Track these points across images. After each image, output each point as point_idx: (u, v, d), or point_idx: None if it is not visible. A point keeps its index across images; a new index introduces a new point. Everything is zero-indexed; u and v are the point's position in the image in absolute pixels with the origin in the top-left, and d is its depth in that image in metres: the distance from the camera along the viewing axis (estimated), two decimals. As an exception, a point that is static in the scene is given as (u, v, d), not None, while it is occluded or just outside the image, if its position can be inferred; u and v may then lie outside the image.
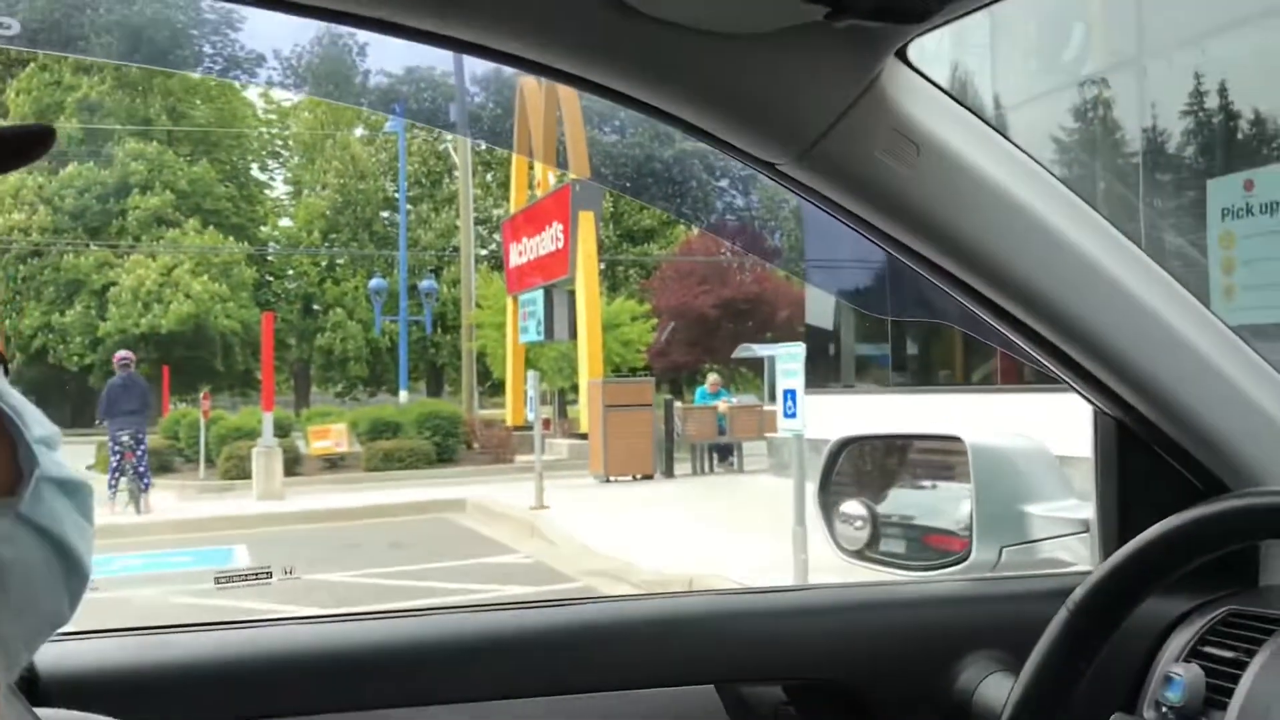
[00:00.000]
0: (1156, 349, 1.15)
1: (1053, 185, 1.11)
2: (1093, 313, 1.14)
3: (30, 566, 0.49)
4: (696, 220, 33.62)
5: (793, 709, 1.22)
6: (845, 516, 1.58)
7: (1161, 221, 10.56)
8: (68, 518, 0.51)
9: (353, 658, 1.11)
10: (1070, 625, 0.97)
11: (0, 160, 0.53)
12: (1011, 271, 1.12)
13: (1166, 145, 10.80)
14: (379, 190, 36.36)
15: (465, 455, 20.14)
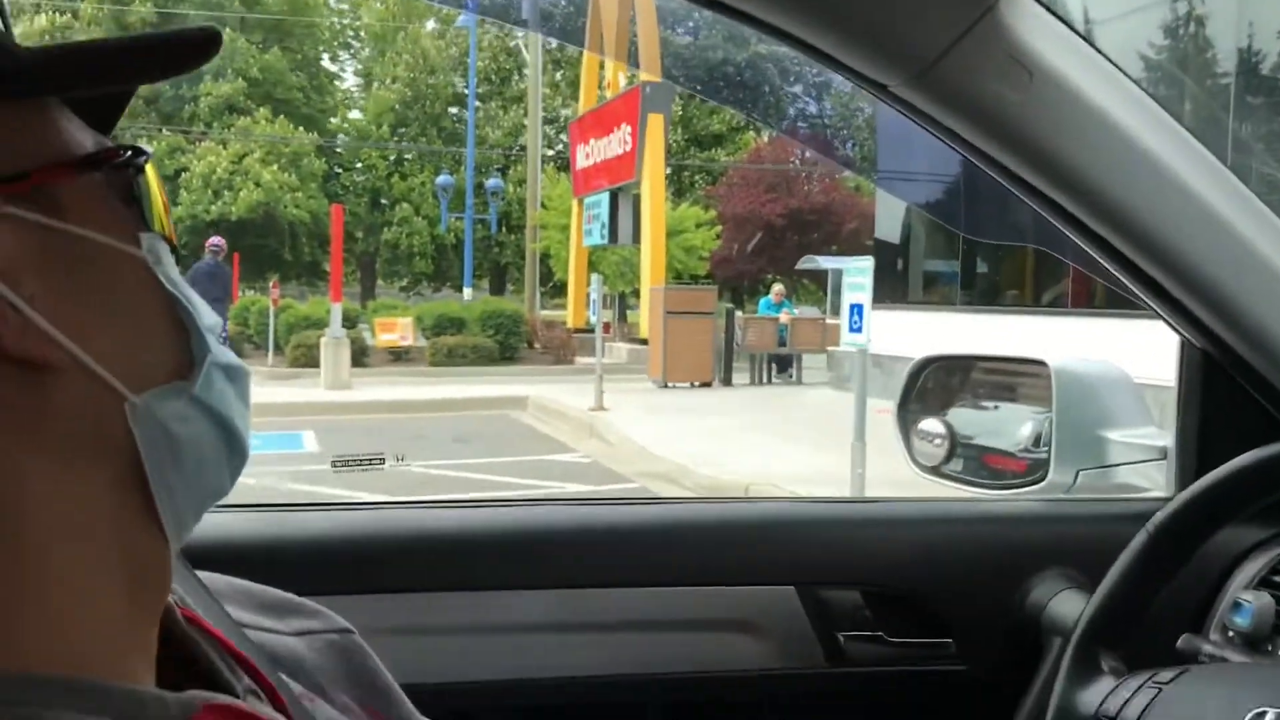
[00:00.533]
0: (1249, 281, 1.16)
1: (1158, 115, 1.11)
2: (1188, 243, 1.15)
3: (201, 444, 0.53)
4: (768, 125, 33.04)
5: (869, 613, 1.28)
6: (923, 433, 1.61)
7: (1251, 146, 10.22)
8: (233, 401, 0.55)
9: (465, 541, 1.19)
10: (1149, 547, 1.01)
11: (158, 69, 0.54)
12: (1112, 199, 1.13)
13: (1260, 67, 10.40)
14: (448, 86, 36.17)
15: (526, 354, 20.37)
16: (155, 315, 0.53)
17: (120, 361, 0.50)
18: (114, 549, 0.50)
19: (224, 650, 0.60)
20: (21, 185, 0.49)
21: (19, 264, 0.48)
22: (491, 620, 1.18)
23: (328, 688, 0.67)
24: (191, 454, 0.53)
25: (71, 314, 0.49)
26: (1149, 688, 0.96)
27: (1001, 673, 1.28)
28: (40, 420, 0.48)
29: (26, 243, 0.48)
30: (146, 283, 0.53)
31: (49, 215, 0.50)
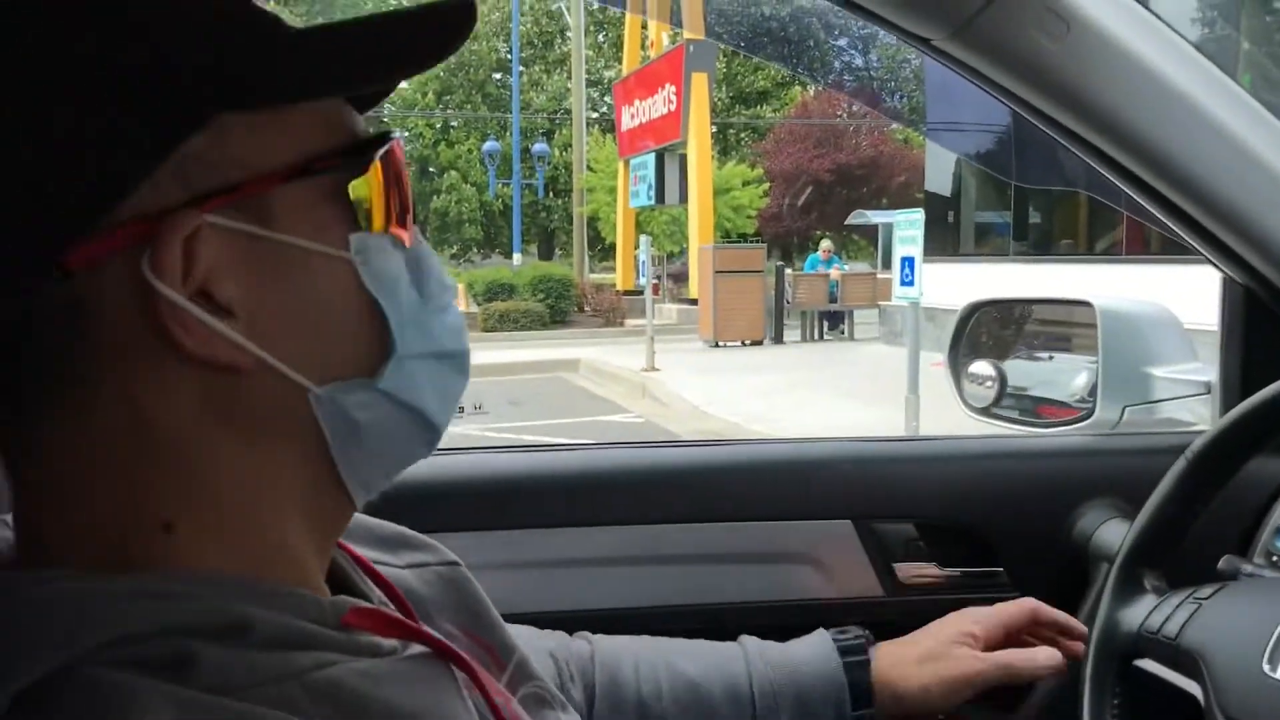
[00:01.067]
0: None
1: (1194, 58, 1.15)
2: (1226, 182, 1.19)
3: (386, 427, 0.59)
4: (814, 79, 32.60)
5: (922, 544, 1.34)
6: (974, 376, 1.66)
7: (1311, 84, 9.97)
8: (426, 388, 0.60)
9: (541, 482, 1.28)
10: (1187, 473, 1.06)
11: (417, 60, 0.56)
12: (1151, 143, 1.17)
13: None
14: (492, 51, 36.17)
15: (577, 318, 20.50)
16: (355, 314, 0.57)
17: (310, 358, 0.55)
18: (299, 509, 0.58)
19: (361, 568, 0.68)
20: (229, 198, 0.53)
21: (223, 270, 0.52)
22: (565, 556, 1.27)
23: (434, 615, 0.74)
24: (376, 435, 0.58)
25: (270, 316, 0.54)
26: (1189, 603, 1.01)
27: (1050, 598, 1.34)
28: (237, 409, 0.54)
29: (233, 250, 0.53)
30: (350, 283, 0.56)
31: (257, 223, 0.54)
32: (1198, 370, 1.49)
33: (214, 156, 0.53)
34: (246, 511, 0.56)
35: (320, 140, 0.57)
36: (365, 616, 0.59)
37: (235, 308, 0.53)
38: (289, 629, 0.53)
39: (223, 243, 0.53)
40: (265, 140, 0.54)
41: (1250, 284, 1.33)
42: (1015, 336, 1.84)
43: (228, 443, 0.55)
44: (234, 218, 0.53)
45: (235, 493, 0.55)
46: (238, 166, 0.53)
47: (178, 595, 0.51)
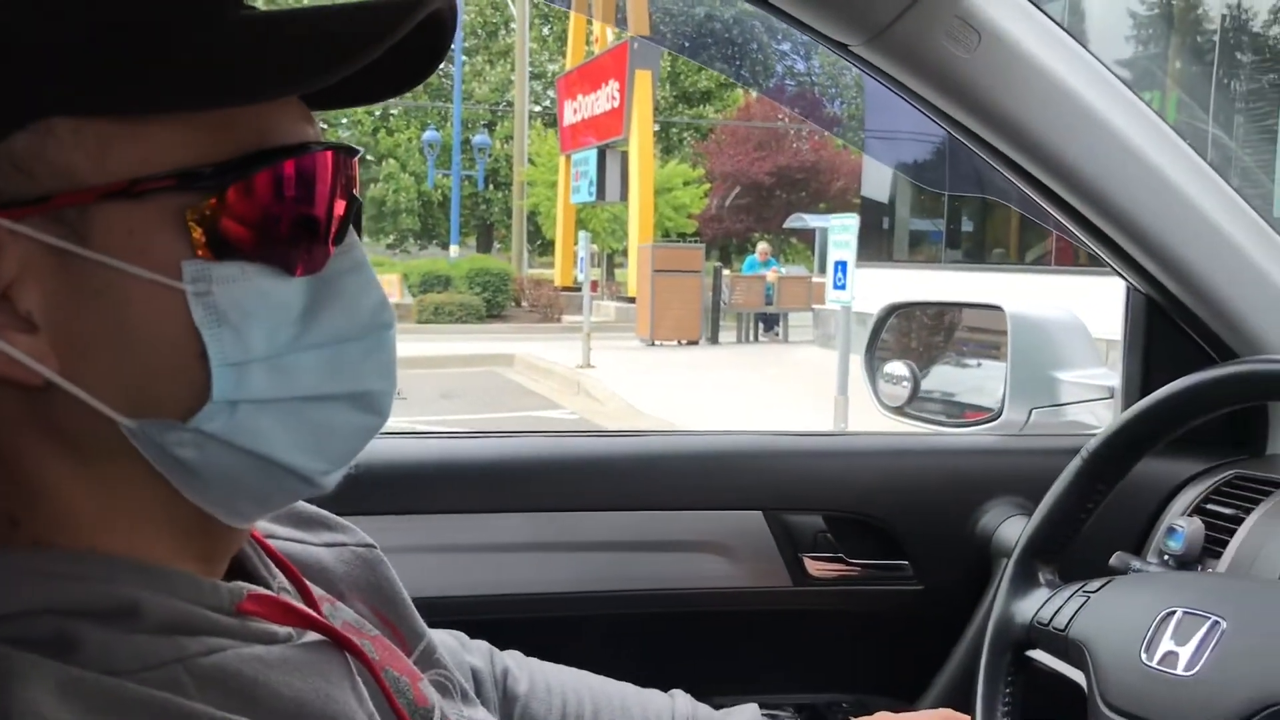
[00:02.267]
0: (1186, 230, 1.25)
1: (1101, 74, 1.20)
2: (1130, 194, 1.24)
3: (226, 468, 0.54)
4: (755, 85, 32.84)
5: (830, 536, 1.38)
6: (889, 376, 1.71)
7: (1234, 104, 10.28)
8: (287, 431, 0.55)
9: (454, 468, 1.30)
10: (1082, 471, 1.10)
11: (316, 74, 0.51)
12: (1060, 154, 1.21)
13: (1250, 23, 10.44)
14: (434, 40, 35.85)
15: (514, 312, 20.44)
16: (175, 348, 0.52)
17: (118, 387, 0.51)
18: (167, 525, 0.56)
19: (264, 551, 0.68)
20: (36, 208, 0.49)
21: (27, 280, 0.50)
22: (483, 540, 1.28)
23: (347, 594, 0.75)
24: (217, 475, 0.54)
25: (75, 336, 0.51)
26: (1079, 596, 1.05)
27: (954, 591, 1.39)
28: (49, 424, 0.52)
29: (38, 261, 0.50)
30: (174, 314, 0.51)
31: (71, 239, 0.50)
32: (1103, 375, 1.55)
33: (29, 163, 0.49)
34: (93, 523, 0.54)
35: (183, 152, 0.51)
36: (261, 603, 0.59)
37: (38, 320, 0.50)
38: (178, 613, 0.53)
39: (31, 252, 0.50)
40: (99, 150, 0.50)
41: (1151, 293, 1.38)
42: (946, 342, 1.88)
43: (55, 457, 0.53)
44: (44, 229, 0.49)
45: (75, 504, 0.54)
46: (57, 175, 0.49)
47: (65, 575, 0.51)
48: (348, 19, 0.52)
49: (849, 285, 7.66)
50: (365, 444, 0.59)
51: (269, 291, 0.53)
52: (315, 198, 0.55)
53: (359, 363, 0.57)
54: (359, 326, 0.57)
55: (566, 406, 11.15)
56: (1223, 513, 1.31)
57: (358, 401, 0.57)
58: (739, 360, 14.99)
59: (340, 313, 0.56)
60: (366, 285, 0.58)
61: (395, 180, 32.97)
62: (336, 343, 0.55)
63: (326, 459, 0.57)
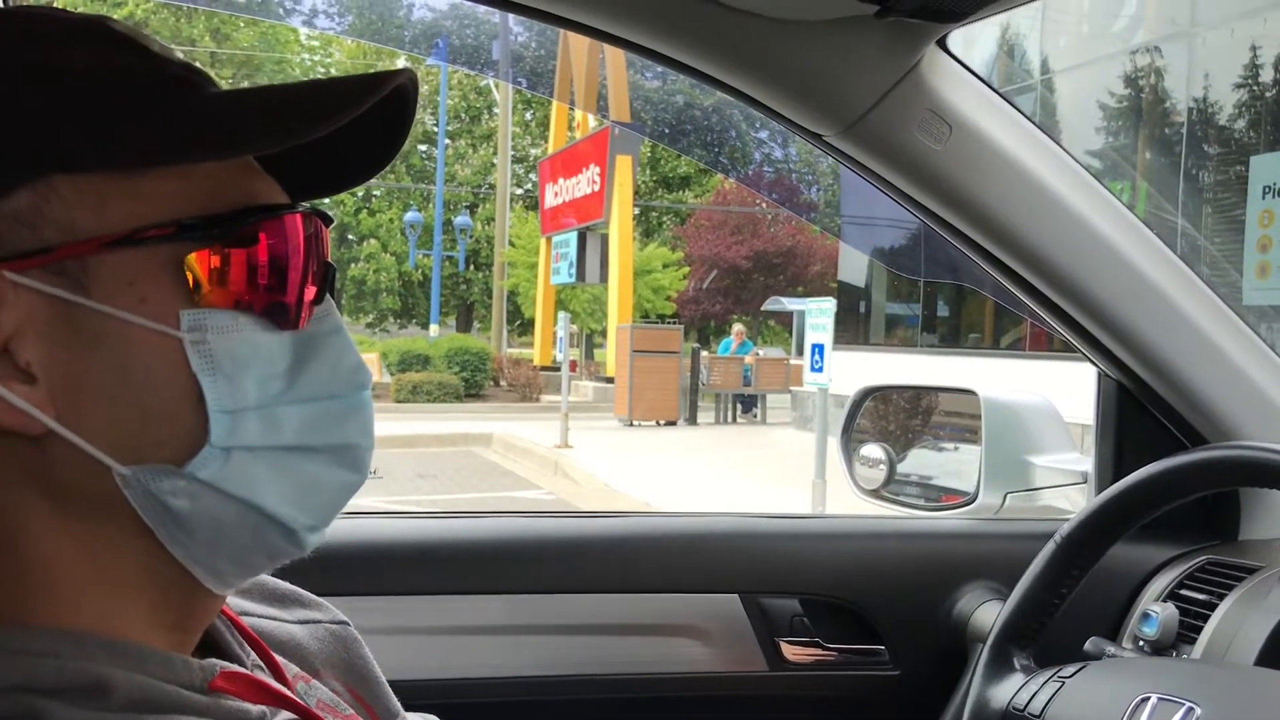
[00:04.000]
0: (1156, 319, 1.28)
1: (1070, 166, 1.23)
2: (1100, 283, 1.26)
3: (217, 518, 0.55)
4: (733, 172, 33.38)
5: (807, 621, 1.37)
6: (865, 459, 1.71)
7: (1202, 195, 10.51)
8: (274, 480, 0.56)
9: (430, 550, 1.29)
10: (1056, 556, 1.11)
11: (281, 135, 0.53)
12: (1030, 243, 1.24)
13: (1216, 117, 10.72)
14: (418, 123, 36.21)
15: (492, 392, 20.40)
16: (172, 394, 0.53)
17: (115, 433, 0.52)
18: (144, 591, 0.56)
19: (236, 629, 0.68)
20: (39, 260, 0.51)
21: (27, 333, 0.51)
22: (458, 623, 1.27)
23: (322, 671, 0.74)
24: (206, 526, 0.55)
25: (74, 384, 0.52)
26: (1054, 682, 1.05)
27: (930, 677, 1.38)
28: (42, 477, 0.53)
29: (40, 313, 0.51)
30: (172, 361, 0.53)
31: (72, 290, 0.51)
32: (1076, 460, 1.56)
33: (31, 217, 0.51)
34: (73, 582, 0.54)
35: (176, 207, 0.54)
36: (234, 681, 0.59)
37: (37, 371, 0.52)
38: (149, 690, 0.53)
39: (33, 303, 0.51)
40: (98, 204, 0.52)
41: (1122, 379, 1.41)
42: (922, 425, 1.90)
43: (44, 513, 0.54)
44: (47, 280, 0.51)
45: (58, 563, 0.54)
46: (58, 229, 0.51)
47: (37, 653, 0.51)
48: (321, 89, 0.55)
49: (826, 368, 7.71)
50: (345, 503, 0.61)
51: (260, 343, 0.55)
52: (298, 257, 0.57)
53: (342, 419, 0.58)
54: (341, 385, 0.59)
55: (544, 487, 11.08)
56: (1196, 598, 1.32)
57: (341, 456, 0.59)
58: (717, 441, 14.98)
59: (323, 370, 0.58)
60: (346, 347, 0.60)
61: (376, 260, 33.11)
62: (321, 399, 0.57)
63: (310, 513, 0.58)
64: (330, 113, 0.53)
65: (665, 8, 1.02)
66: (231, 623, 0.68)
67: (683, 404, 17.47)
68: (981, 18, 1.01)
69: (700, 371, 18.12)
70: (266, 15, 28.58)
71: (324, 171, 0.64)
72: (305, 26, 35.96)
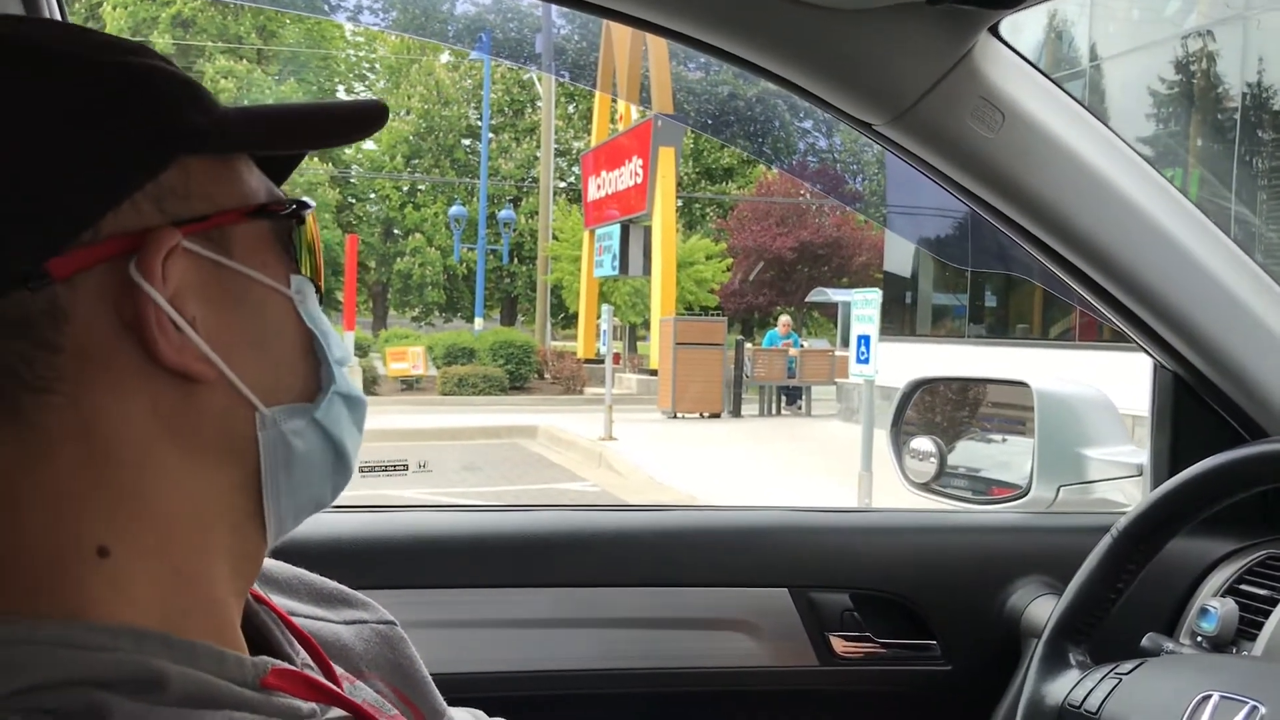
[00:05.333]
0: (1213, 308, 1.25)
1: (1125, 153, 1.21)
2: (1157, 272, 1.24)
3: (312, 458, 0.62)
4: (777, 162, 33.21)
5: (857, 615, 1.36)
6: (915, 452, 1.70)
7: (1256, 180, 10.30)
8: (347, 426, 0.64)
9: (482, 542, 1.29)
10: (1113, 550, 1.09)
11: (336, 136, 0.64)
12: (1084, 231, 1.22)
13: (1271, 102, 10.51)
14: (462, 117, 36.51)
15: (537, 384, 20.48)
16: (294, 345, 0.62)
17: (259, 379, 0.59)
18: (224, 539, 0.60)
19: (286, 627, 0.69)
20: (201, 225, 0.58)
21: (187, 291, 0.56)
22: (506, 616, 1.27)
23: (367, 672, 0.75)
24: (302, 465, 0.62)
25: (225, 336, 0.58)
26: (1111, 678, 1.04)
27: (983, 672, 1.36)
28: (186, 423, 0.57)
29: (197, 274, 0.57)
30: (291, 317, 0.62)
31: (220, 253, 0.59)
32: (1131, 452, 1.53)
33: (184, 190, 0.57)
34: (179, 538, 0.57)
35: (257, 191, 0.62)
36: (285, 678, 0.59)
37: (198, 326, 0.57)
38: (205, 686, 0.54)
39: (190, 265, 0.57)
40: (223, 183, 0.60)
41: (1178, 370, 1.38)
42: (971, 418, 1.87)
43: (172, 458, 0.56)
44: (202, 245, 0.58)
45: (171, 516, 0.56)
46: (205, 201, 0.58)
47: (97, 647, 0.52)
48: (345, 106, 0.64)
49: (872, 359, 7.65)
50: None
51: (317, 308, 0.65)
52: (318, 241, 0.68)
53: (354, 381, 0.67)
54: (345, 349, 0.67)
55: (588, 479, 11.11)
56: (1257, 594, 1.29)
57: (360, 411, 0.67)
58: (762, 434, 14.93)
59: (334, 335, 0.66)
60: None
61: (422, 254, 33.37)
62: (347, 360, 0.66)
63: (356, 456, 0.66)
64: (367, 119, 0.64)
65: (711, -2, 1.01)
66: (282, 621, 0.69)
67: (726, 396, 17.43)
68: (1034, 4, 0.99)
69: (744, 364, 18.06)
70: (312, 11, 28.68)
71: None
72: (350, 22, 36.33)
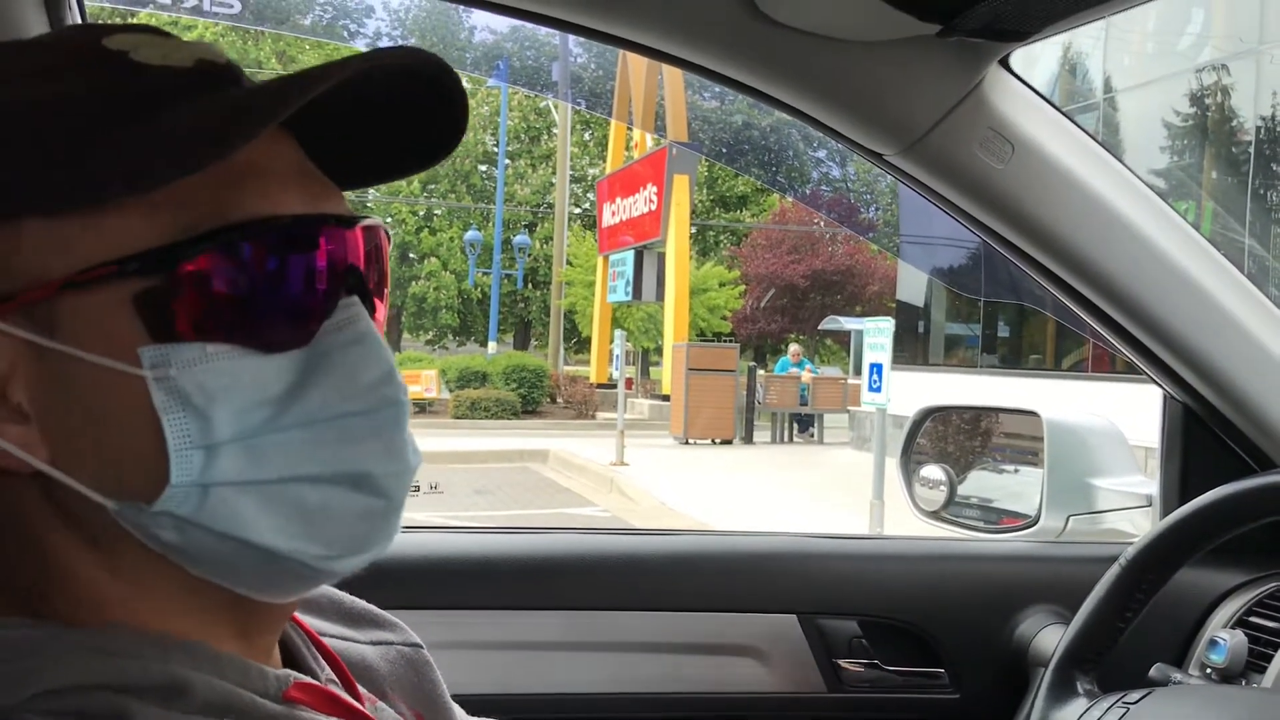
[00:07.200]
0: (1222, 339, 1.26)
1: (1135, 185, 1.22)
2: (1165, 304, 1.25)
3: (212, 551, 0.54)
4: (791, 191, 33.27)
5: (866, 642, 1.36)
6: (925, 480, 1.70)
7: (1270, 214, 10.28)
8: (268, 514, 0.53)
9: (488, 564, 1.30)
10: (1120, 580, 1.09)
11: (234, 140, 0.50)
12: (1094, 262, 1.23)
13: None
14: (479, 143, 36.70)
15: (549, 408, 20.50)
16: (138, 432, 0.52)
17: (98, 471, 0.52)
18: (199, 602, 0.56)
19: (312, 644, 0.69)
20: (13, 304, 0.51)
21: (15, 375, 0.52)
22: (514, 638, 1.28)
23: (390, 694, 0.74)
24: (210, 557, 0.54)
25: (56, 424, 0.52)
26: (1118, 707, 1.03)
27: (991, 700, 1.36)
28: (57, 509, 0.54)
29: (20, 356, 0.52)
30: (137, 399, 0.51)
31: (39, 332, 0.51)
32: (1140, 483, 1.53)
33: (7, 261, 0.51)
34: (119, 600, 0.55)
35: (140, 239, 0.51)
36: (308, 692, 0.59)
37: (29, 410, 0.52)
38: (228, 696, 0.54)
39: (16, 346, 0.52)
40: (66, 244, 0.51)
41: (1188, 401, 1.38)
42: (982, 447, 1.88)
43: (70, 541, 0.55)
44: (18, 324, 0.51)
45: (98, 584, 0.55)
46: (30, 273, 0.51)
47: (122, 653, 0.52)
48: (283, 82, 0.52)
49: (884, 388, 7.64)
50: (376, 528, 0.57)
51: (239, 371, 0.52)
52: (288, 271, 0.54)
53: (357, 441, 0.55)
54: (358, 402, 0.55)
55: (599, 504, 11.09)
56: (1267, 626, 1.29)
57: (355, 483, 0.55)
58: (773, 460, 14.89)
59: (332, 389, 0.54)
60: (369, 359, 0.55)
61: (437, 278, 33.45)
62: (328, 420, 0.54)
63: (322, 544, 0.54)
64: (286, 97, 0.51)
65: (728, 29, 1.03)
66: (309, 638, 0.69)
67: (738, 423, 17.40)
68: (1044, 37, 1.00)
69: (756, 390, 18.04)
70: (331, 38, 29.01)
71: (377, 161, 0.63)
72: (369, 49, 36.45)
